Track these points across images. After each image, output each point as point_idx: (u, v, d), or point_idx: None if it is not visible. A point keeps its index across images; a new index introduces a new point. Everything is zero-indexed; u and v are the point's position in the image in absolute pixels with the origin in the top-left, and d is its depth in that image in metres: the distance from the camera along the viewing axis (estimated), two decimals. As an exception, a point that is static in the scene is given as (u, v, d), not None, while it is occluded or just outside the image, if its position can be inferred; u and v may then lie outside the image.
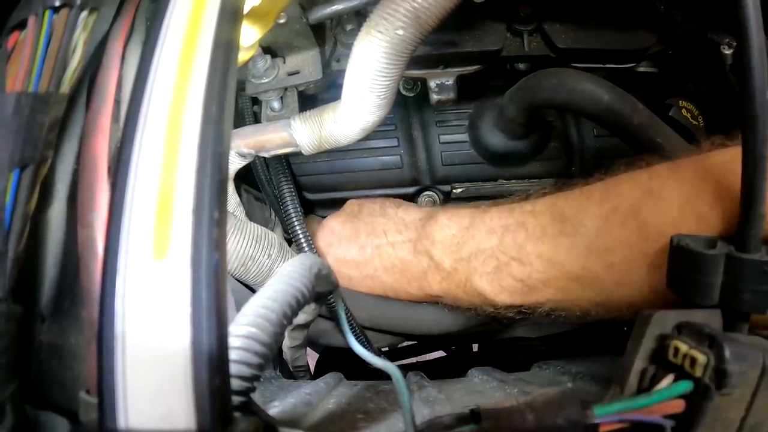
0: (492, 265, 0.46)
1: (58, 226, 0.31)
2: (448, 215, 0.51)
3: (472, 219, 0.49)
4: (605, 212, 0.40)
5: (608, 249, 0.39)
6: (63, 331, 0.30)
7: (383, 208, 0.58)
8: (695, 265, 0.29)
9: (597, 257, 0.40)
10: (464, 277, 0.48)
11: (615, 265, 0.39)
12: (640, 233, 0.37)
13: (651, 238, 0.37)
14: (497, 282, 0.46)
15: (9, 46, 0.29)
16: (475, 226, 0.48)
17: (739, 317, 0.29)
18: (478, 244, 0.47)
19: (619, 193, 0.40)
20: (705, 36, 0.57)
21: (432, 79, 0.56)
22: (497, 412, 0.24)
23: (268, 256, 0.51)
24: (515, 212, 0.46)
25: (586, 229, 0.40)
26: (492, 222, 0.47)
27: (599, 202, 0.41)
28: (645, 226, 0.37)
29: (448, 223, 0.50)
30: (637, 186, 0.39)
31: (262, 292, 0.25)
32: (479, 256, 0.47)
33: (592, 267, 0.40)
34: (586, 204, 0.41)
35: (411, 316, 0.57)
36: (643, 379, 0.27)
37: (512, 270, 0.45)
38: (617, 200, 0.39)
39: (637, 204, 0.38)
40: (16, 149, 0.27)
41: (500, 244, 0.46)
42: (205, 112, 0.20)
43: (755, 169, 0.27)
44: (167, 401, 0.18)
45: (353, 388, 0.47)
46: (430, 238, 0.51)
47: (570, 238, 0.41)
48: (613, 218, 0.39)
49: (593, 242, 0.40)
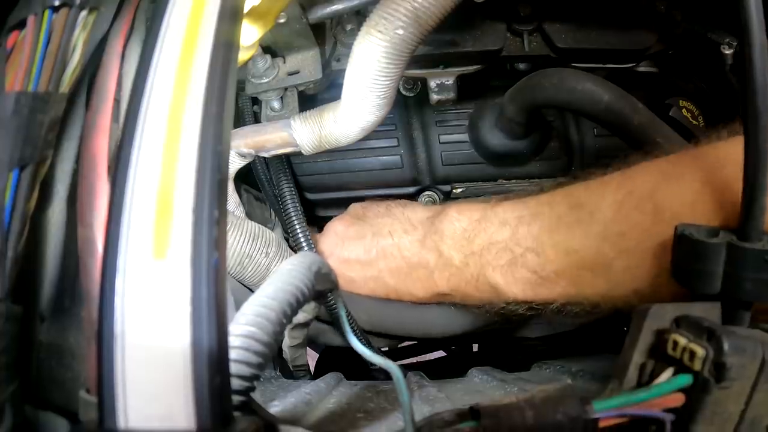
0: (506, 258, 0.45)
1: (58, 225, 0.31)
2: (459, 209, 0.51)
3: (483, 212, 0.49)
4: (621, 196, 0.40)
5: (622, 234, 0.39)
6: (63, 331, 0.30)
7: (389, 209, 0.57)
8: (697, 253, 0.30)
9: (611, 243, 0.40)
10: (476, 271, 0.48)
11: (628, 250, 0.39)
12: (655, 216, 0.37)
13: (666, 222, 0.36)
14: (510, 275, 0.45)
15: (8, 46, 0.29)
16: (488, 219, 0.48)
17: (740, 306, 0.29)
18: (490, 236, 0.47)
19: (636, 178, 0.40)
20: (705, 36, 0.57)
21: (432, 79, 0.56)
22: (497, 409, 0.24)
23: (266, 254, 0.50)
24: (530, 203, 0.46)
25: (602, 214, 0.40)
26: (505, 214, 0.47)
27: (616, 188, 0.41)
28: (660, 209, 0.37)
29: (459, 217, 0.50)
30: (655, 170, 0.39)
31: (261, 290, 0.25)
32: (491, 249, 0.46)
33: (606, 253, 0.40)
34: (602, 190, 0.42)
35: (414, 317, 0.57)
36: (643, 374, 0.28)
37: (527, 261, 0.44)
38: (633, 185, 0.40)
39: (653, 188, 0.38)
40: (15, 149, 0.27)
41: (514, 236, 0.45)
42: (204, 112, 0.20)
43: (757, 161, 0.28)
44: (167, 401, 0.18)
45: (353, 388, 0.47)
46: (439, 233, 0.50)
47: (585, 225, 0.41)
48: (629, 202, 0.39)
49: (608, 227, 0.40)
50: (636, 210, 0.39)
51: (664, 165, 0.39)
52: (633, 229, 0.39)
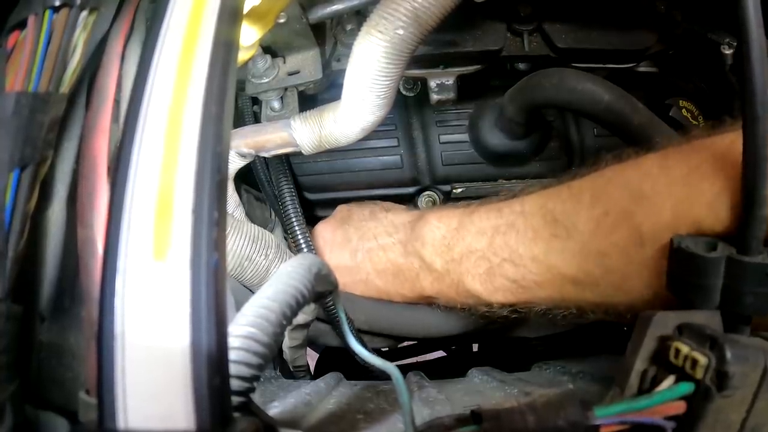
0: (484, 266, 0.45)
1: (58, 225, 0.31)
2: (437, 216, 0.51)
3: (460, 220, 0.48)
4: (596, 216, 0.39)
5: (604, 253, 0.38)
6: (63, 331, 0.30)
7: (373, 213, 0.58)
8: (696, 267, 0.29)
9: (593, 261, 0.39)
10: (456, 278, 0.48)
11: (613, 269, 0.38)
12: (634, 239, 0.36)
13: (647, 243, 0.36)
14: (490, 283, 0.45)
15: (9, 46, 0.29)
16: (464, 227, 0.48)
17: (740, 320, 0.28)
18: (468, 245, 0.47)
19: (609, 195, 0.39)
20: (705, 36, 0.57)
21: (432, 78, 0.56)
22: (498, 413, 0.24)
23: (265, 256, 0.50)
24: (504, 212, 0.46)
25: (579, 232, 0.40)
26: (481, 223, 0.47)
27: (590, 205, 0.40)
28: (638, 231, 0.36)
29: (438, 224, 0.50)
30: (627, 188, 0.38)
31: (261, 292, 0.25)
32: (470, 257, 0.46)
33: (590, 270, 0.39)
34: (576, 206, 0.40)
35: (410, 317, 0.57)
36: (644, 381, 0.27)
37: (505, 271, 0.44)
38: (608, 204, 0.38)
39: (627, 208, 0.37)
40: (15, 149, 0.27)
41: (491, 246, 0.45)
42: (204, 112, 0.20)
43: (756, 170, 0.27)
44: (167, 401, 0.18)
45: (353, 388, 0.47)
46: (420, 239, 0.50)
47: (563, 241, 0.40)
48: (605, 223, 0.38)
49: (587, 246, 0.39)
50: (614, 231, 0.37)
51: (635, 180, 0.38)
52: (613, 248, 0.38)
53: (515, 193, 0.47)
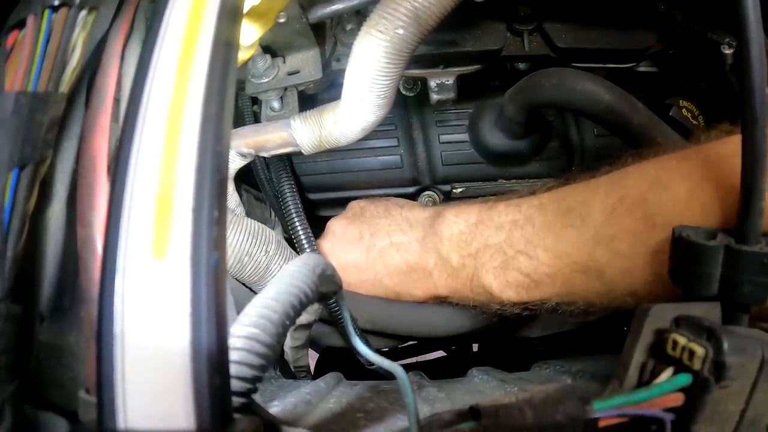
0: (499, 259, 0.46)
1: (58, 225, 0.31)
2: (456, 212, 0.51)
3: (479, 215, 0.49)
4: (612, 202, 0.40)
5: (615, 237, 0.39)
6: (62, 331, 0.30)
7: (387, 209, 0.57)
8: (695, 256, 0.30)
9: (604, 247, 0.40)
10: (471, 272, 0.48)
11: (621, 254, 0.39)
12: (646, 222, 0.37)
13: (657, 227, 0.37)
14: (503, 276, 0.46)
15: (8, 46, 0.29)
16: (483, 223, 0.48)
17: (738, 309, 0.29)
18: (486, 239, 0.47)
19: (625, 184, 0.40)
20: (705, 36, 0.57)
21: (432, 78, 0.56)
22: (496, 408, 0.24)
23: (265, 252, 0.50)
24: (523, 207, 0.46)
25: (593, 219, 0.41)
26: (500, 218, 0.47)
27: (606, 194, 0.41)
28: (651, 215, 0.37)
29: (456, 220, 0.50)
30: (645, 176, 0.39)
31: (264, 292, 0.25)
32: (487, 251, 0.47)
33: (599, 257, 0.40)
34: (592, 196, 0.42)
35: (417, 316, 0.56)
36: (643, 373, 0.28)
37: (519, 264, 0.45)
38: (624, 191, 0.40)
39: (643, 194, 0.38)
40: (15, 149, 0.27)
41: (508, 239, 0.46)
42: (204, 111, 0.20)
43: (754, 164, 0.27)
44: (167, 401, 0.17)
45: (353, 388, 0.47)
46: (439, 234, 0.50)
47: (577, 229, 0.41)
48: (620, 208, 0.39)
49: (600, 232, 0.40)
50: (627, 216, 0.39)
51: (652, 170, 0.39)
52: (625, 233, 0.39)
53: (534, 189, 0.48)
